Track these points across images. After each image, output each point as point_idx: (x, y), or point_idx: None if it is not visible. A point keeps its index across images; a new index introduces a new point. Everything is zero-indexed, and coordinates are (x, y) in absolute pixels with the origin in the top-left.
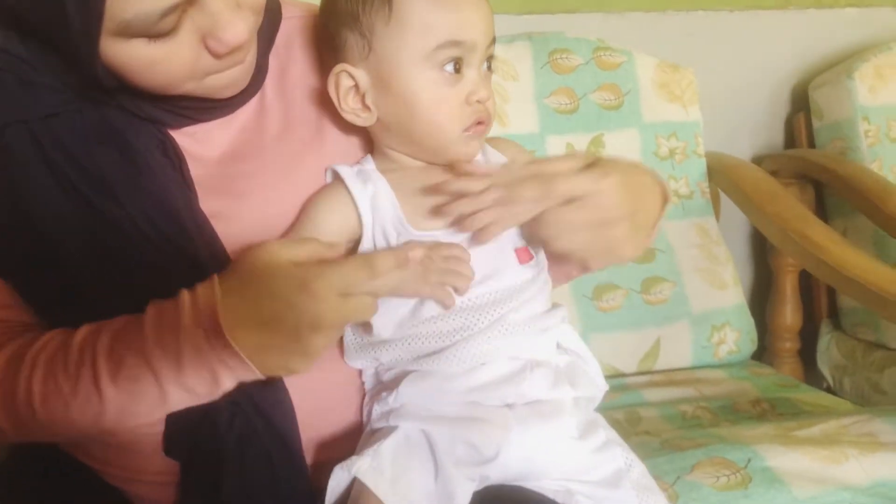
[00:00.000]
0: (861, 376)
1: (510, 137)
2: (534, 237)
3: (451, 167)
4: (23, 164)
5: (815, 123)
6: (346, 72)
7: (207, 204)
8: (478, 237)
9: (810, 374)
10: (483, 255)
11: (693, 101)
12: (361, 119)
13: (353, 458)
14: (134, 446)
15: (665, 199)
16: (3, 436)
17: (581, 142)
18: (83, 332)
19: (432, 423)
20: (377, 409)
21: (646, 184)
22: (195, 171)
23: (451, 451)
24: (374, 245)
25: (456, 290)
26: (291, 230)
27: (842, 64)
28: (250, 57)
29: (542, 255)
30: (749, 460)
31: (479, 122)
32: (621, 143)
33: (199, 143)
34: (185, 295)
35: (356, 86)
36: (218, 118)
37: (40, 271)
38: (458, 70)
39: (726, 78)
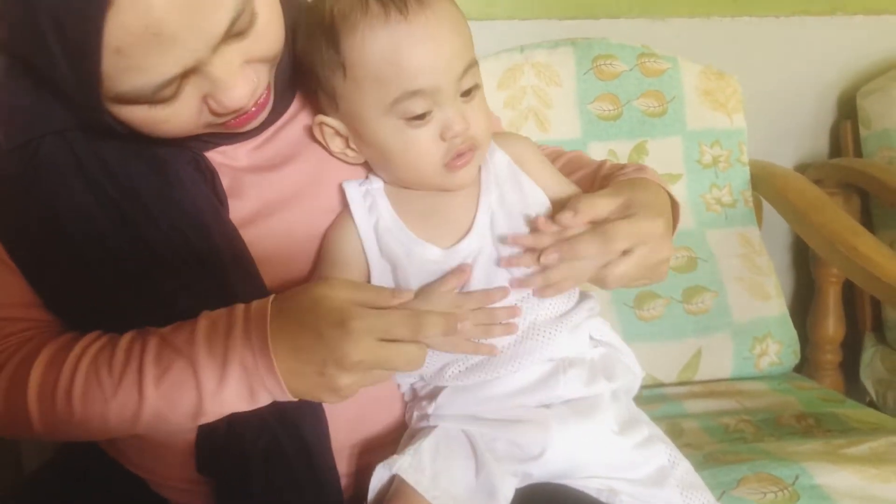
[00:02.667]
0: None
1: (552, 143)
2: None
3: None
4: (60, 175)
5: (863, 132)
6: (324, 123)
7: (237, 212)
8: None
9: (852, 387)
10: (503, 272)
11: (737, 108)
12: (351, 159)
13: (395, 456)
14: (166, 453)
15: (674, 204)
16: (30, 431)
17: (623, 149)
18: (130, 335)
19: (472, 423)
20: (417, 413)
21: (666, 206)
22: (225, 180)
23: (492, 447)
24: (383, 268)
25: (508, 332)
26: (315, 271)
27: (892, 71)
28: (267, 92)
29: None
30: (797, 477)
31: (460, 155)
32: (664, 151)
33: (229, 158)
34: (239, 309)
35: (337, 132)
36: (244, 140)
37: (70, 281)
38: (422, 116)
39: (771, 84)
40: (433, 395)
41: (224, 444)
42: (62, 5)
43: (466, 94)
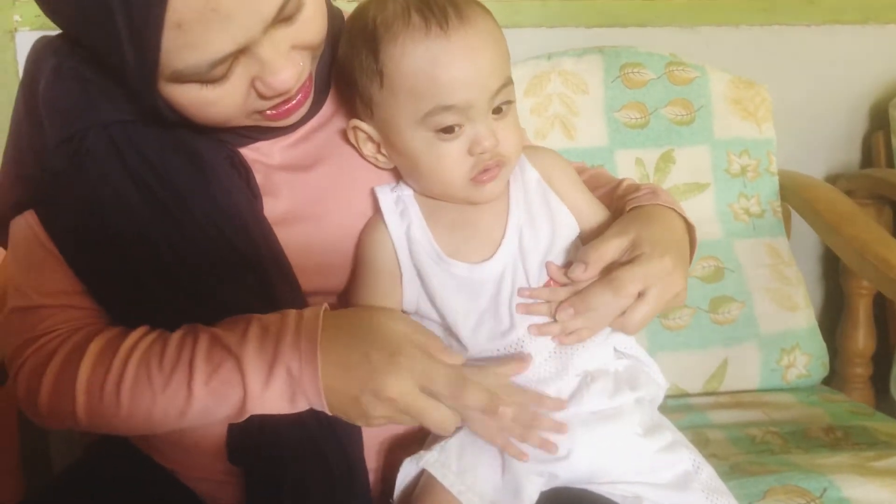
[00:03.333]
0: None
1: (579, 151)
2: None
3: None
4: (104, 168)
5: (895, 142)
6: (359, 127)
7: (270, 210)
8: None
9: (882, 400)
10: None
11: (767, 118)
12: (381, 163)
13: (422, 451)
14: (198, 446)
15: (690, 228)
16: (74, 421)
17: (650, 157)
18: (181, 331)
19: None
20: None
21: (680, 233)
22: (259, 177)
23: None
24: (413, 273)
25: (545, 449)
26: (352, 275)
27: None
28: (309, 82)
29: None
30: (825, 490)
31: (487, 170)
32: (691, 159)
33: (263, 155)
34: (291, 315)
35: (370, 137)
36: (280, 136)
37: (112, 272)
38: (451, 130)
39: (801, 94)
40: None
41: (258, 437)
42: None
43: (498, 110)
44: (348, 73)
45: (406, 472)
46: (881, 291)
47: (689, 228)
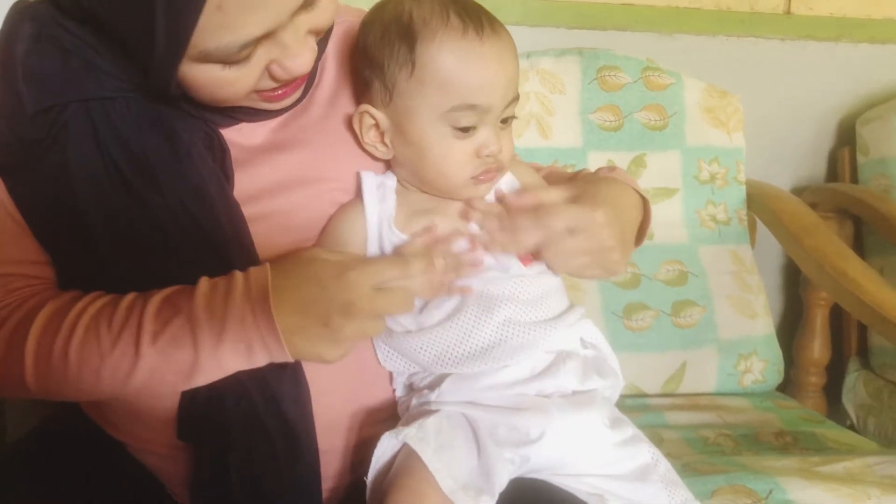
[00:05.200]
0: (887, 417)
1: (552, 150)
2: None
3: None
4: (77, 142)
5: (860, 159)
6: (369, 112)
7: (242, 188)
8: (488, 248)
9: (833, 410)
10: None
11: (738, 128)
12: (380, 153)
13: (401, 426)
14: (149, 417)
15: (644, 203)
16: (24, 387)
17: (623, 160)
18: (132, 295)
19: (473, 409)
20: (416, 401)
21: (627, 202)
22: (236, 155)
23: (493, 432)
24: (378, 251)
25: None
26: (317, 240)
27: (893, 100)
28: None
29: None
30: (770, 491)
31: (488, 171)
32: (663, 164)
33: (244, 137)
34: (238, 273)
35: (377, 124)
36: (265, 119)
37: (75, 246)
38: (467, 129)
39: (772, 106)
40: (435, 384)
41: (205, 412)
42: None
43: (505, 121)
44: (375, 58)
45: (384, 448)
46: (837, 302)
47: (645, 203)
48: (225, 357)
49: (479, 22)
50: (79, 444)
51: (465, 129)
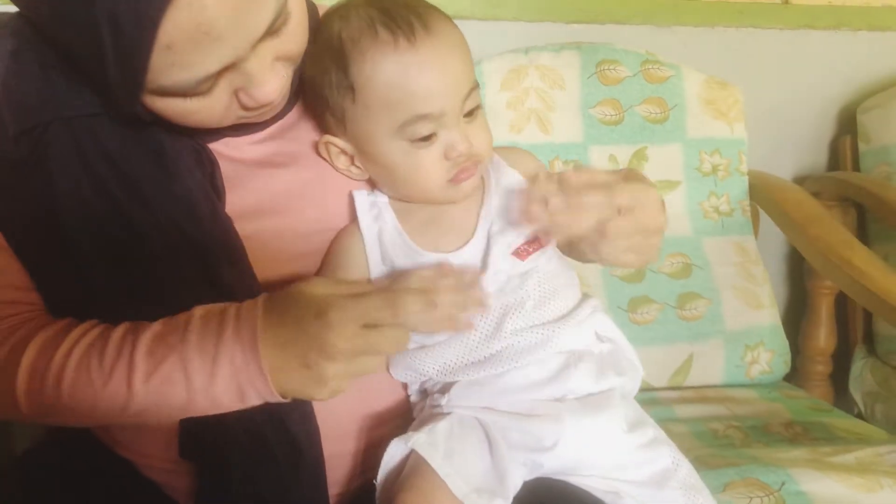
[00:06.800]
0: (894, 404)
1: (553, 146)
2: (575, 244)
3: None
4: (61, 161)
5: (862, 147)
6: (331, 142)
7: (234, 204)
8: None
9: (840, 398)
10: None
11: (739, 118)
12: (355, 175)
13: (410, 432)
14: (151, 434)
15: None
16: (18, 413)
17: (624, 154)
18: (123, 328)
19: (486, 413)
20: (428, 404)
21: (658, 196)
22: (226, 170)
23: (506, 436)
24: (382, 274)
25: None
26: (319, 268)
27: (893, 88)
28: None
29: (550, 252)
30: (783, 483)
31: (463, 170)
32: (664, 157)
33: (232, 149)
34: (232, 307)
35: (343, 150)
36: (252, 133)
37: (63, 267)
38: (428, 138)
39: (773, 96)
40: (446, 389)
41: (206, 430)
42: (122, 1)
43: (469, 114)
44: (318, 90)
45: (392, 453)
46: (843, 291)
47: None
48: (219, 398)
49: (410, 27)
50: (87, 454)
51: (426, 138)
